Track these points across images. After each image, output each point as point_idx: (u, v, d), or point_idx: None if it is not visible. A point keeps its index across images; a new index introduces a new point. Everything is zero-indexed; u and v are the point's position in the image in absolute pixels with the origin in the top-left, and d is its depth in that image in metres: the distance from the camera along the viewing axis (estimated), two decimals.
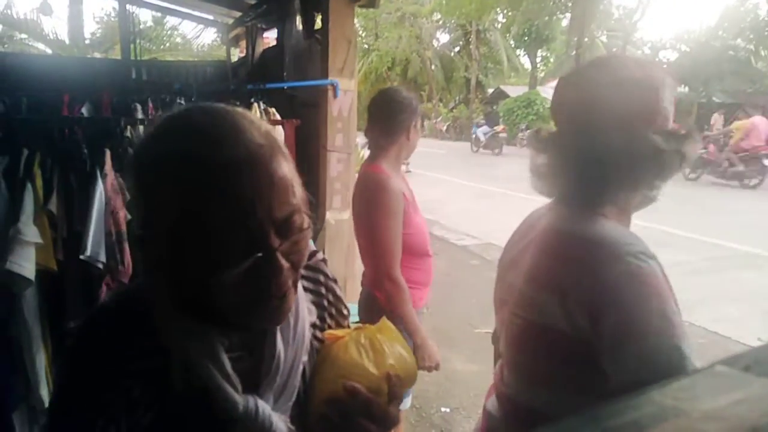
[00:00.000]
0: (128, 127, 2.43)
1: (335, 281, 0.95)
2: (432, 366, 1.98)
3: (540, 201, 1.29)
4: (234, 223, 0.62)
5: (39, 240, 2.00)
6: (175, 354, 0.70)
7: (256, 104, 3.00)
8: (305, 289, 0.86)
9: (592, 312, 0.96)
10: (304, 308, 0.82)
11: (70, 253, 2.09)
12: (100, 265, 2.05)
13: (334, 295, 0.93)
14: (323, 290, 0.91)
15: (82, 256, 2.01)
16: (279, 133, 2.86)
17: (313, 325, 0.86)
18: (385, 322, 0.84)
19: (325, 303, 0.91)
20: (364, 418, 0.72)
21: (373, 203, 1.98)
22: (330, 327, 0.89)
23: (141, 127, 2.66)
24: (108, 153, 2.15)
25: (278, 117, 3.18)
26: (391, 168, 2.04)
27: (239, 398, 0.71)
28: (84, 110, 3.27)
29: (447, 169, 12.54)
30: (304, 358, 0.81)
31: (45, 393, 2.10)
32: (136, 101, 3.38)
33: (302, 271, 0.77)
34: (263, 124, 0.69)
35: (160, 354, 0.70)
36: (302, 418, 0.79)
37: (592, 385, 0.98)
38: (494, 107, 29.68)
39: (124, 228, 2.11)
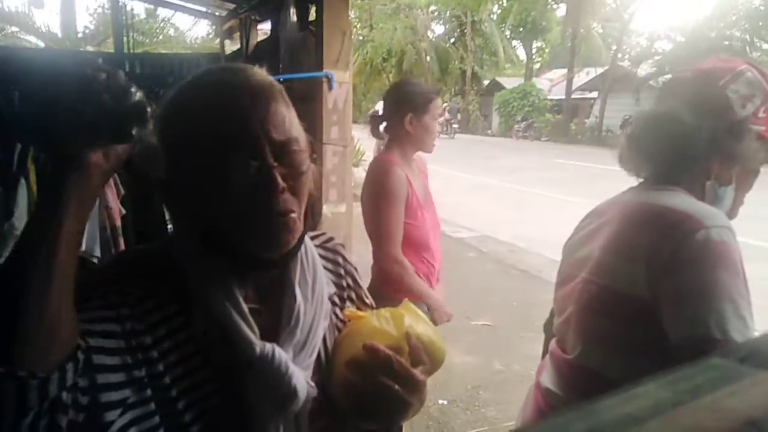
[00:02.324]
0: None
1: (355, 269, 0.98)
2: (446, 320, 2.20)
3: (536, 192, 1.29)
4: (236, 140, 0.70)
5: None
6: (195, 296, 0.74)
7: None
8: (325, 267, 0.90)
9: (667, 274, 1.03)
10: (321, 273, 0.86)
11: None
12: (95, 260, 2.04)
13: (354, 279, 0.96)
14: (342, 272, 0.95)
15: None
16: None
17: (333, 302, 0.89)
18: (407, 303, 0.86)
19: (344, 284, 0.94)
20: (386, 377, 0.74)
21: (375, 186, 2.06)
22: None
23: None
24: None
25: None
26: (401, 158, 2.08)
27: (256, 340, 0.73)
28: None
29: (443, 161, 12.55)
30: (324, 323, 0.84)
31: None
32: None
33: (320, 251, 0.90)
34: (273, 80, 0.79)
35: (175, 301, 0.74)
36: (325, 388, 0.81)
37: (661, 349, 1.03)
38: (490, 98, 29.65)
39: (118, 223, 2.10)
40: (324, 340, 0.84)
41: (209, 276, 0.75)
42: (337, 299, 0.91)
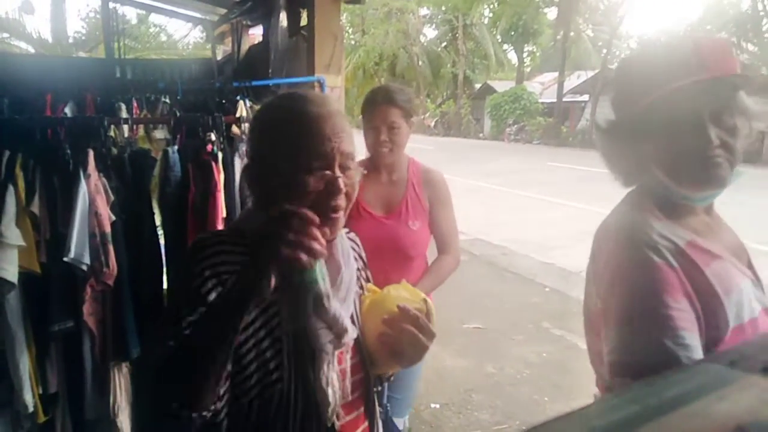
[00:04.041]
0: (112, 126, 2.40)
1: (365, 258, 1.29)
2: None
3: (528, 195, 1.31)
4: (317, 155, 0.97)
5: (21, 242, 1.97)
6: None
7: (241, 102, 2.97)
8: (351, 248, 1.18)
9: (605, 293, 1.05)
10: (350, 250, 1.15)
11: (53, 255, 2.05)
12: (84, 267, 2.02)
13: (364, 262, 1.28)
14: (358, 256, 1.24)
15: (65, 258, 1.98)
16: None
17: (357, 276, 1.17)
18: (404, 282, 1.12)
19: (361, 266, 1.24)
20: (414, 328, 1.00)
21: None
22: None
23: (125, 127, 2.62)
24: (91, 153, 2.12)
25: None
26: (367, 162, 2.11)
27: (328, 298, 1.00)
28: (67, 110, 3.23)
29: (437, 165, 12.55)
30: (356, 288, 1.12)
31: (29, 398, 2.07)
32: (120, 100, 3.34)
33: (347, 237, 1.20)
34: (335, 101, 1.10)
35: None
36: (359, 341, 1.12)
37: None
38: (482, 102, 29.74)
39: (108, 229, 2.08)
40: (354, 301, 1.11)
41: None
42: (357, 275, 1.17)
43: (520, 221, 8.71)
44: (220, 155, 2.33)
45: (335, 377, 1.04)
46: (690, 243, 1.03)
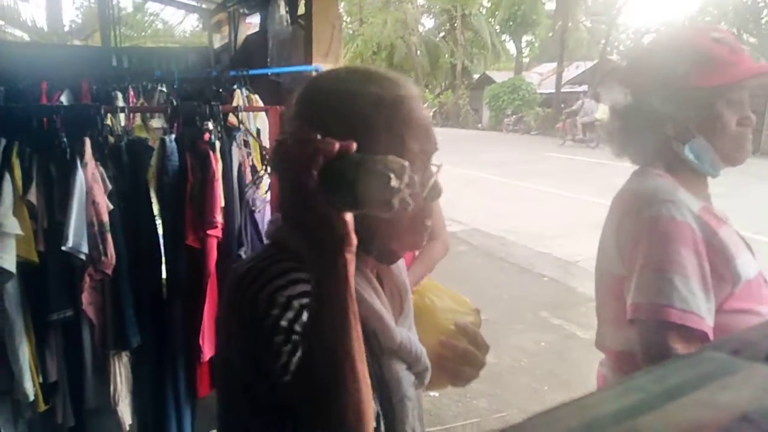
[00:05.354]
0: (108, 115, 2.38)
1: None
2: None
3: (526, 185, 1.33)
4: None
5: (19, 231, 1.96)
6: None
7: (238, 91, 2.96)
8: None
9: (628, 251, 1.14)
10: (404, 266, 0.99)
11: (51, 244, 2.05)
12: (83, 256, 2.02)
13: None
14: None
15: (63, 247, 1.97)
16: (263, 120, 2.83)
17: None
18: (434, 282, 1.08)
19: None
20: (473, 346, 0.93)
21: None
22: None
23: (122, 116, 2.61)
24: (88, 141, 2.10)
25: (261, 104, 3.13)
26: None
27: (395, 327, 0.82)
28: (63, 98, 3.21)
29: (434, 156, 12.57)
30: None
31: (29, 387, 2.07)
32: (117, 89, 3.32)
33: None
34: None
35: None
36: None
37: None
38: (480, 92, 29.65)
39: (105, 218, 2.07)
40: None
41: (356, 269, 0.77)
42: None
43: (518, 211, 8.70)
44: (217, 144, 2.32)
45: (418, 425, 0.88)
46: (704, 208, 1.15)
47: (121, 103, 3.14)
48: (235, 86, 3.08)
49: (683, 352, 1.02)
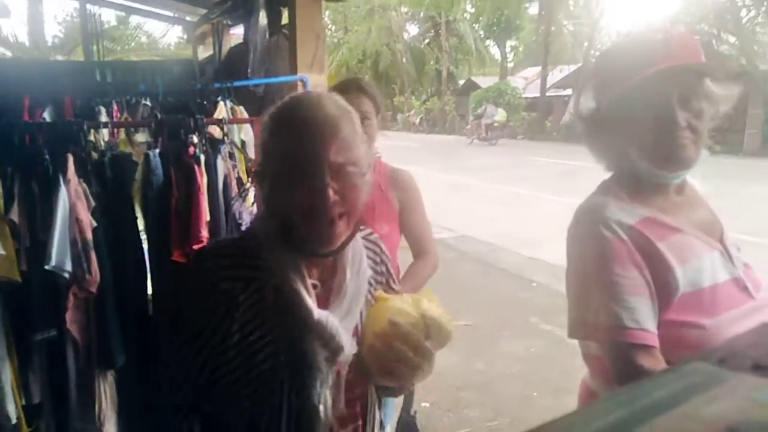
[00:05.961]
0: (92, 130, 2.36)
1: (390, 259, 1.22)
2: None
3: (514, 191, 1.35)
4: (305, 162, 0.94)
5: (1, 251, 1.93)
6: (270, 275, 1.00)
7: (222, 103, 2.94)
8: (367, 256, 1.13)
9: (567, 265, 1.19)
10: (365, 259, 1.11)
11: (34, 263, 2.01)
12: (66, 275, 1.99)
13: (387, 268, 1.20)
14: (379, 260, 1.18)
15: (47, 266, 1.94)
16: (248, 132, 2.81)
17: (369, 283, 1.12)
18: (427, 290, 1.08)
19: (380, 270, 1.18)
20: (404, 345, 0.94)
21: None
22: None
23: (105, 131, 2.58)
24: (71, 158, 2.08)
25: (246, 115, 3.12)
26: None
27: (314, 308, 0.98)
28: (46, 114, 3.17)
29: (422, 163, 12.58)
30: (363, 298, 1.08)
31: (12, 409, 2.03)
32: (100, 104, 3.29)
33: (365, 242, 1.15)
34: (343, 103, 1.01)
35: (255, 279, 1.01)
36: (359, 349, 1.04)
37: None
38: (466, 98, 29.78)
39: (89, 236, 2.04)
40: (360, 311, 1.07)
41: (284, 259, 1.00)
42: (373, 281, 1.14)
43: (506, 217, 8.75)
44: (202, 158, 2.30)
45: (328, 394, 1.01)
46: (646, 219, 1.13)
47: (104, 118, 3.10)
48: (219, 98, 3.06)
49: (652, 368, 1.01)
